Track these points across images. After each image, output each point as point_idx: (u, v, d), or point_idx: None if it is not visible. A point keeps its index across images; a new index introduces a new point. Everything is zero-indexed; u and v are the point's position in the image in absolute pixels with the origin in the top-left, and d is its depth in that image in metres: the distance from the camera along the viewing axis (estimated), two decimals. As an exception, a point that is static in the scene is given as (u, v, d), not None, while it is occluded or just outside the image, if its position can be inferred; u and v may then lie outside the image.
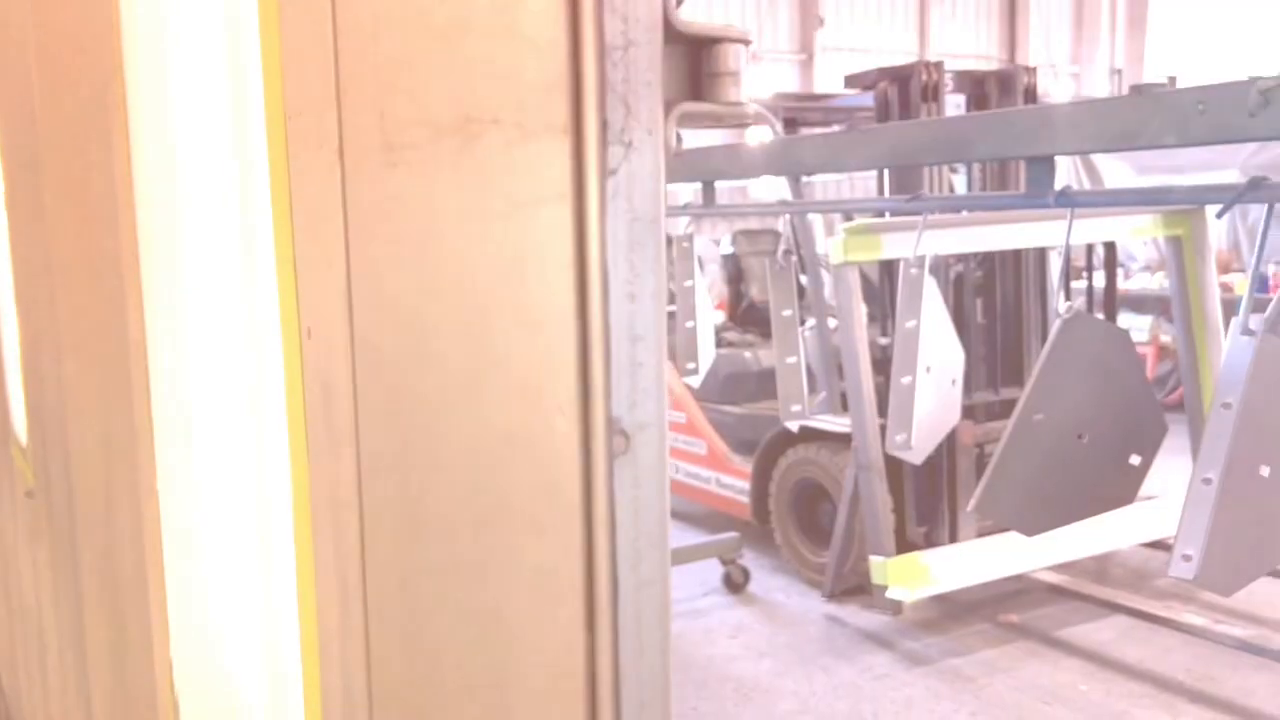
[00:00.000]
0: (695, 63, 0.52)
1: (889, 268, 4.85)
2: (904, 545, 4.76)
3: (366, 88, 0.56)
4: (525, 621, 0.51)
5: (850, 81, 5.35)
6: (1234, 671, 4.11)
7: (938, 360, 2.46)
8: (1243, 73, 1.82)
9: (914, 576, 4.46)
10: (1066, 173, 9.47)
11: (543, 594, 0.50)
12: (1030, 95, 4.99)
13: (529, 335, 0.48)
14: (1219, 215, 1.72)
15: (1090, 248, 5.50)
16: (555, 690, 0.49)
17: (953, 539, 4.87)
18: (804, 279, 5.99)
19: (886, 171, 5.08)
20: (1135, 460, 2.13)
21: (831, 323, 5.31)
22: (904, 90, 4.87)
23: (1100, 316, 5.35)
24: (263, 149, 0.69)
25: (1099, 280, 5.54)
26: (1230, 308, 2.34)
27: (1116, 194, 5.35)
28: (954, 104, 5.14)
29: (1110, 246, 5.40)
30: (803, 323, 5.75)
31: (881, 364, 4.67)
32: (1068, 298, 2.12)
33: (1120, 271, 9.03)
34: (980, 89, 5.11)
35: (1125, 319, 8.60)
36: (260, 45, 0.65)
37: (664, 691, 0.50)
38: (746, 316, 6.82)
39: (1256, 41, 17.87)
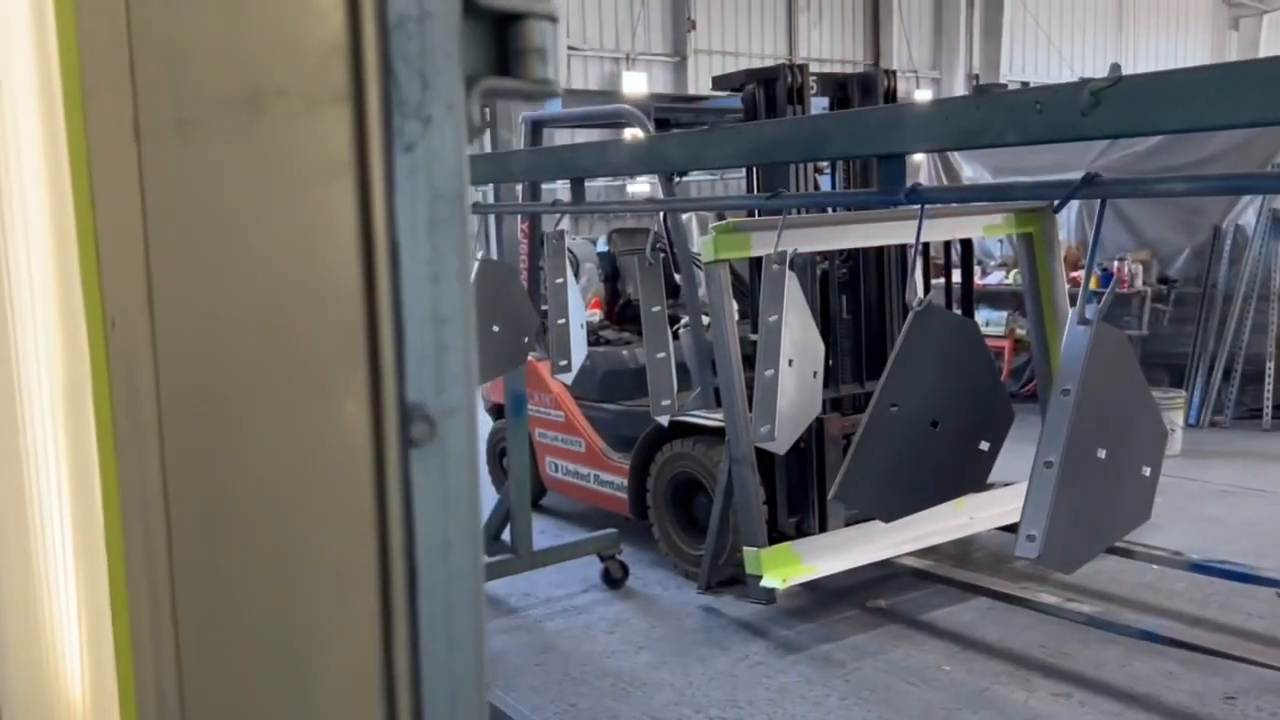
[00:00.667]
0: (500, 39, 0.51)
1: (759, 266, 4.94)
2: (776, 536, 4.86)
3: (159, 63, 0.53)
4: (324, 618, 0.49)
5: (718, 83, 5.44)
6: (1084, 646, 4.34)
7: (799, 353, 2.51)
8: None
9: (786, 566, 4.56)
10: (928, 178, 9.84)
11: (339, 589, 0.48)
12: (890, 98, 5.16)
13: (318, 316, 0.46)
14: (1056, 210, 1.81)
15: (948, 246, 5.72)
16: (354, 688, 0.48)
17: (822, 528, 5.00)
18: (678, 277, 6.06)
19: (756, 173, 5.18)
20: (985, 446, 2.23)
21: (705, 320, 5.39)
22: (770, 92, 4.98)
23: (954, 309, 5.58)
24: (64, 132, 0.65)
25: (959, 276, 5.78)
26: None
27: (963, 190, 5.58)
28: (820, 106, 5.28)
29: (967, 244, 5.64)
30: (677, 320, 5.83)
31: (753, 360, 4.76)
32: (923, 291, 2.19)
33: (978, 269, 9.45)
34: (843, 91, 5.26)
35: (983, 314, 8.98)
36: (55, 24, 0.61)
37: (479, 684, 0.49)
38: (624, 314, 6.85)
39: (1096, 46, 18.94)
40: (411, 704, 0.45)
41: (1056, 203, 1.92)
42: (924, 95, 15.90)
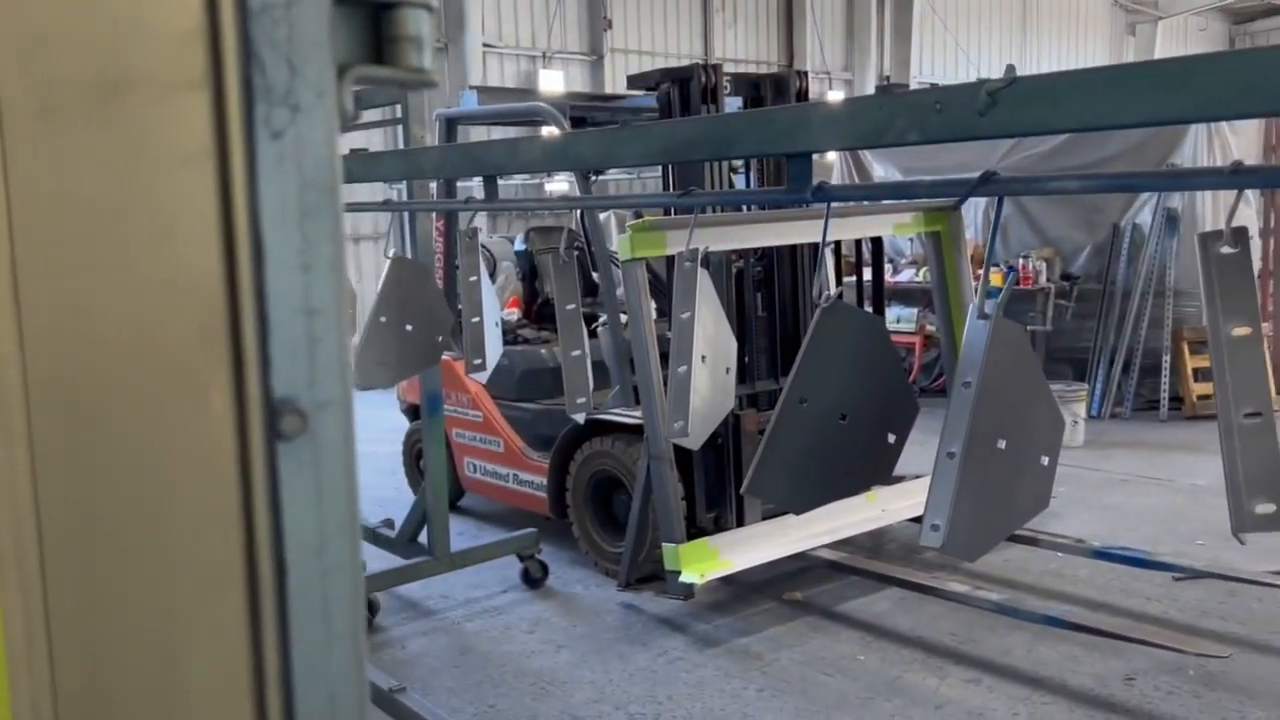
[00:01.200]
0: (374, 27, 0.50)
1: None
2: (695, 531, 4.90)
3: (18, 51, 0.51)
4: (194, 619, 0.48)
5: (633, 82, 5.46)
6: (992, 633, 4.46)
7: (712, 350, 2.53)
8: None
9: (704, 560, 4.59)
10: (841, 178, 10.02)
11: (209, 588, 0.47)
12: (802, 98, 5.23)
13: (180, 308, 0.45)
14: (955, 207, 1.87)
15: (859, 244, 5.83)
16: (223, 688, 0.47)
17: (740, 523, 5.05)
18: (597, 276, 6.05)
19: (672, 172, 5.20)
20: (891, 439, 2.27)
21: (623, 319, 5.39)
22: (684, 91, 5.01)
23: (865, 307, 5.69)
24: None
25: (870, 274, 5.89)
26: (983, 298, 2.51)
27: (868, 188, 5.71)
28: (734, 106, 5.33)
29: (877, 243, 5.75)
30: (596, 319, 5.83)
31: (670, 357, 4.78)
32: (828, 288, 2.22)
33: (889, 267, 9.65)
34: (757, 91, 5.32)
35: (894, 310, 9.19)
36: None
37: (358, 682, 0.48)
38: (542, 313, 6.83)
39: (1001, 49, 19.53)
40: (283, 702, 0.44)
41: (956, 200, 1.97)
42: (836, 96, 16.18)
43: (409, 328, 3.43)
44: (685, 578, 4.53)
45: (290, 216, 0.44)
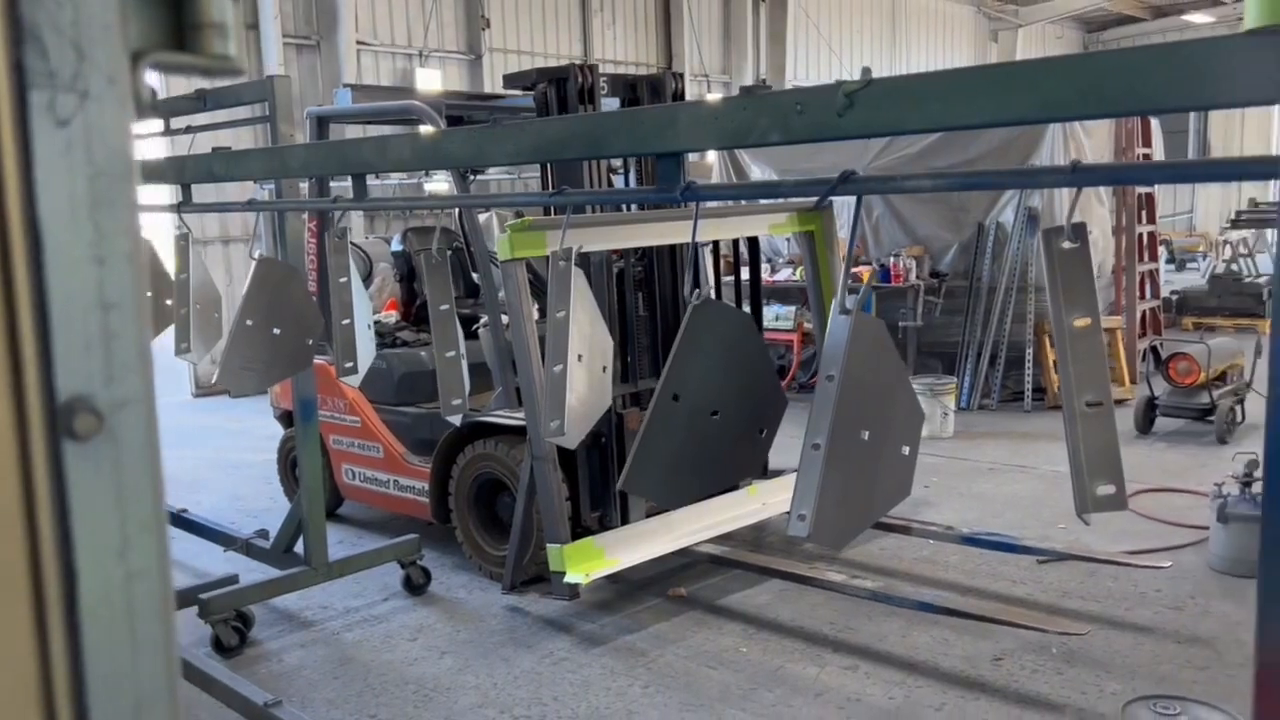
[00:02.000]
0: (175, 13, 0.48)
1: (554, 263, 4.95)
2: (580, 531, 4.90)
3: None
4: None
5: (509, 81, 5.42)
6: (869, 620, 4.59)
7: (588, 349, 2.54)
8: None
9: (589, 560, 4.60)
10: (720, 179, 10.17)
11: (-7, 597, 0.45)
12: (678, 99, 5.29)
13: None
14: (816, 205, 1.92)
15: (737, 244, 5.93)
16: (8, 700, 0.44)
17: (624, 520, 5.07)
18: (477, 276, 5.99)
19: (551, 172, 5.19)
20: (762, 433, 2.32)
21: (505, 319, 5.35)
22: (561, 91, 5.01)
23: (743, 305, 5.79)
24: None
25: (750, 274, 5.99)
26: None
27: (734, 188, 5.82)
28: (611, 106, 5.34)
29: (754, 242, 5.86)
30: (477, 320, 5.76)
31: (550, 357, 4.77)
32: (696, 285, 2.25)
33: (769, 266, 9.84)
34: (633, 92, 5.36)
35: (773, 309, 9.37)
36: None
37: (170, 686, 0.47)
38: (421, 315, 6.72)
39: (872, 54, 20.16)
40: (74, 711, 0.42)
41: (818, 198, 2.02)
42: (714, 98, 16.38)
43: (276, 331, 3.33)
44: (570, 578, 4.53)
45: (80, 207, 0.42)
